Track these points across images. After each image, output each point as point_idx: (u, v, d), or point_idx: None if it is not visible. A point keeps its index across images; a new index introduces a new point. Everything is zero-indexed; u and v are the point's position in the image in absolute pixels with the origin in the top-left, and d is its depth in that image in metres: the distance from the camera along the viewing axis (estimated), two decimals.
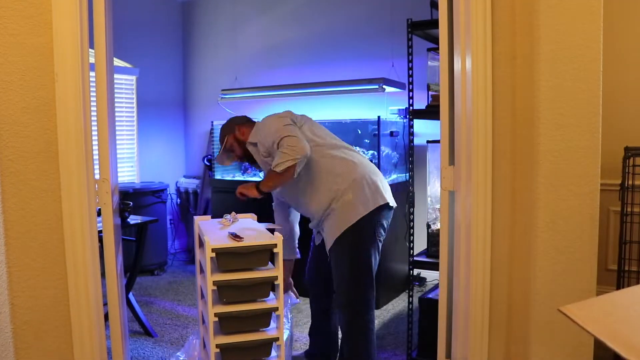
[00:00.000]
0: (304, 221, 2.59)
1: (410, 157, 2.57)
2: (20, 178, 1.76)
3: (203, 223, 2.37)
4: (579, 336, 1.66)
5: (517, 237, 1.82)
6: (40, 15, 1.75)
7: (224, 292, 1.99)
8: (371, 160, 3.72)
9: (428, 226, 2.62)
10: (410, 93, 2.53)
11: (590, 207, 1.67)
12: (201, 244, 2.18)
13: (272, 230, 2.16)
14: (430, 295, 2.60)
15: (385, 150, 3.73)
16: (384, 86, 3.64)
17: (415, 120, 2.54)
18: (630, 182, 2.17)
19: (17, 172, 1.75)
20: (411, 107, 2.51)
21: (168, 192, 4.69)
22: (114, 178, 2.04)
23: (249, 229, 2.24)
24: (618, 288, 2.23)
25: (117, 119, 4.54)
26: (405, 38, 2.50)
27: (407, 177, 3.13)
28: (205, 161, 4.68)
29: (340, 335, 2.47)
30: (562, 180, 1.67)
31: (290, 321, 2.43)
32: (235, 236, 2.05)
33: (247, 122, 2.45)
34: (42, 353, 1.83)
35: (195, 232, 2.35)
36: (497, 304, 1.86)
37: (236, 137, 2.41)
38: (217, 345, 1.99)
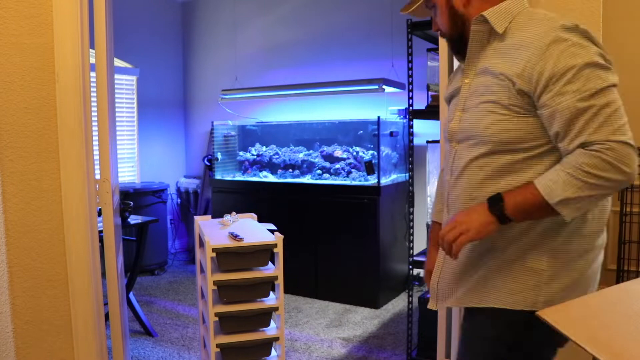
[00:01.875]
0: None
1: (410, 157, 2.57)
2: (21, 178, 1.76)
3: (203, 223, 2.38)
4: None
5: None
6: (41, 16, 1.76)
7: (224, 292, 1.99)
8: (371, 161, 3.75)
9: (428, 226, 2.62)
10: (410, 93, 2.53)
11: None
12: (201, 244, 2.19)
13: (272, 231, 2.16)
14: (430, 295, 2.60)
15: (385, 150, 3.74)
16: (383, 86, 3.65)
17: (415, 121, 2.54)
18: None
19: (18, 172, 1.75)
20: (411, 108, 2.51)
21: (168, 192, 4.70)
22: (115, 178, 2.04)
23: (249, 229, 2.24)
24: None
25: (117, 119, 4.55)
26: (405, 38, 2.51)
27: (407, 177, 3.13)
28: (206, 161, 4.68)
29: None
30: None
31: None
32: (235, 236, 2.05)
33: None
34: (43, 353, 1.83)
35: (195, 232, 2.36)
36: None
37: None
38: (218, 345, 1.99)
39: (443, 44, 1.91)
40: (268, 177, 4.22)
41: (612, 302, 0.99)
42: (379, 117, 3.58)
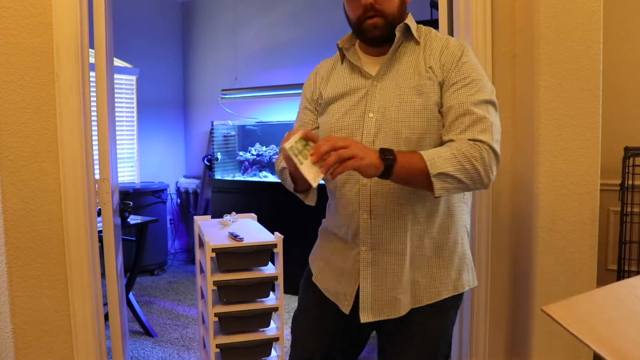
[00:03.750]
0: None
1: None
2: (21, 178, 1.76)
3: (203, 223, 2.37)
4: None
5: (517, 237, 1.82)
6: (41, 15, 1.75)
7: (224, 292, 1.99)
8: None
9: None
10: None
11: (590, 207, 1.67)
12: (201, 244, 2.18)
13: (272, 231, 2.16)
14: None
15: None
16: None
17: None
18: (630, 182, 2.17)
19: (17, 172, 1.75)
20: None
21: (168, 192, 4.70)
22: (114, 178, 2.04)
23: (249, 229, 2.24)
24: None
25: (117, 119, 4.55)
26: None
27: None
28: (205, 161, 4.68)
29: None
30: (562, 180, 1.67)
31: None
32: (235, 236, 2.05)
33: None
34: (42, 353, 1.83)
35: (195, 232, 2.36)
36: (498, 304, 1.86)
37: None
38: (217, 345, 1.99)
39: None
40: (268, 177, 4.22)
41: (619, 299, 0.98)
42: None
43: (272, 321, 2.10)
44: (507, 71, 1.77)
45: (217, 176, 4.39)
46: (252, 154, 4.43)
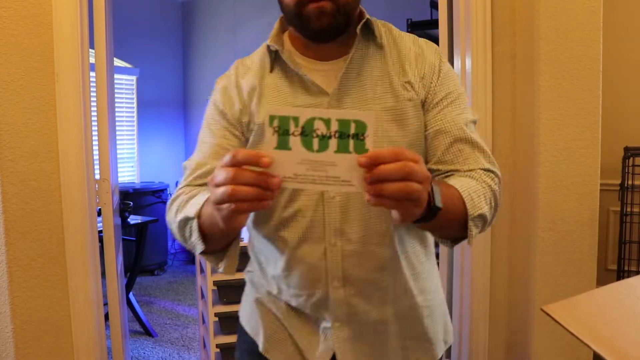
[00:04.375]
0: None
1: None
2: (21, 178, 1.76)
3: None
4: None
5: (516, 237, 1.82)
6: (41, 15, 1.75)
7: (224, 292, 1.99)
8: None
9: None
10: None
11: (590, 207, 1.67)
12: None
13: None
14: None
15: None
16: None
17: None
18: (629, 182, 2.17)
19: (18, 172, 1.75)
20: None
21: (168, 192, 4.69)
22: (114, 178, 2.04)
23: None
24: None
25: (117, 119, 4.55)
26: None
27: None
28: None
29: None
30: (562, 180, 1.67)
31: None
32: None
33: None
34: (43, 353, 1.83)
35: None
36: (497, 304, 1.86)
37: None
38: (217, 345, 1.99)
39: (443, 44, 1.91)
40: None
41: (618, 299, 0.98)
42: None
43: None
44: (507, 71, 1.77)
45: None
46: None
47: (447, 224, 0.80)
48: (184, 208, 0.88)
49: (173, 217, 0.91)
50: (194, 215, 0.81)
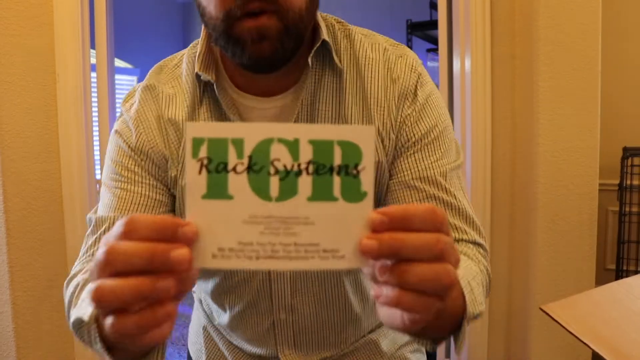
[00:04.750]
0: None
1: None
2: (22, 178, 1.76)
3: None
4: None
5: (516, 236, 1.82)
6: (42, 16, 1.76)
7: None
8: None
9: None
10: None
11: (589, 207, 1.68)
12: None
13: None
14: None
15: None
16: None
17: None
18: (628, 182, 2.18)
19: (19, 172, 1.76)
20: None
21: None
22: None
23: None
24: None
25: None
26: (405, 39, 2.51)
27: None
28: None
29: None
30: (561, 181, 1.68)
31: None
32: None
33: None
34: (44, 352, 1.84)
35: None
36: (497, 304, 1.87)
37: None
38: None
39: (443, 44, 1.91)
40: None
41: (617, 298, 0.99)
42: None
43: None
44: (507, 72, 1.78)
45: None
46: None
47: (440, 324, 0.53)
48: (77, 301, 0.60)
49: (66, 309, 0.64)
50: (89, 318, 0.47)
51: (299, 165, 0.37)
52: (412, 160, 0.68)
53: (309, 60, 0.66)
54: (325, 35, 0.68)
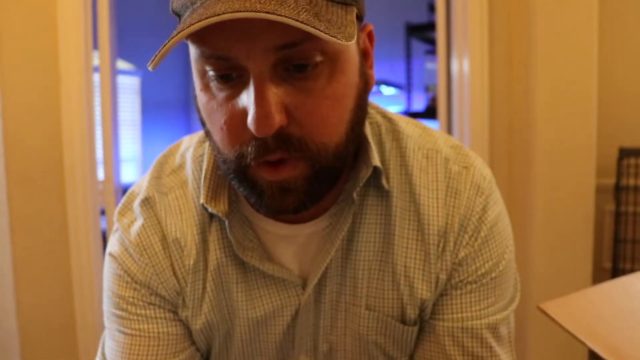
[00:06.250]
0: None
1: None
2: (26, 178, 1.78)
3: None
4: None
5: (513, 236, 1.84)
6: (45, 19, 1.78)
7: None
8: None
9: None
10: (409, 95, 2.55)
11: (585, 207, 1.69)
12: None
13: None
14: None
15: None
16: (382, 88, 3.66)
17: None
18: (625, 182, 2.19)
19: (23, 172, 1.78)
20: (409, 109, 2.54)
21: None
22: (118, 179, 2.07)
23: None
24: None
25: (120, 120, 4.58)
26: (404, 40, 2.53)
27: None
28: None
29: None
30: (558, 181, 1.69)
31: None
32: None
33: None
34: (48, 351, 1.85)
35: None
36: None
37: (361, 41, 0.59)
38: None
39: (441, 46, 1.93)
40: None
41: (613, 296, 1.00)
42: None
43: None
44: (505, 74, 1.79)
45: None
46: None
47: None
48: None
49: None
50: None
51: None
52: (460, 303, 0.57)
53: (354, 195, 0.53)
54: (376, 160, 0.54)
